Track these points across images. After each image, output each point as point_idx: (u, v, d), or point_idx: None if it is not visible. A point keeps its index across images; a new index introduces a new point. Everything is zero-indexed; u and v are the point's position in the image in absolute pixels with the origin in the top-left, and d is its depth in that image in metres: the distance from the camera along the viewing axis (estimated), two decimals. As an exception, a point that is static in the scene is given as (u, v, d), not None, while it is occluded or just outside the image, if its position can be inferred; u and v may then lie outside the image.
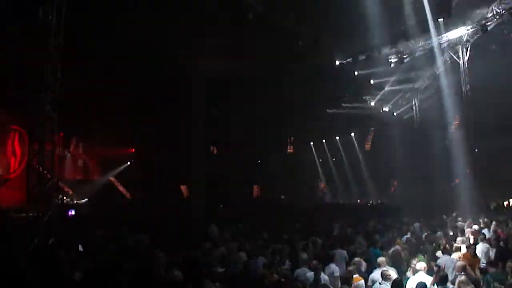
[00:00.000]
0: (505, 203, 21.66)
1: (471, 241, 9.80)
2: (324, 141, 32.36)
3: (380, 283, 6.67)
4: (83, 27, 12.84)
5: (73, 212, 18.23)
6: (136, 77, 17.21)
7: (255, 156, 26.81)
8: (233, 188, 24.07)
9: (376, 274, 7.07)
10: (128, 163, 25.10)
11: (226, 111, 22.51)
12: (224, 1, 14.69)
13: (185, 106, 19.59)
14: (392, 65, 20.61)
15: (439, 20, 16.51)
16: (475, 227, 11.68)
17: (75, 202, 20.75)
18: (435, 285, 6.38)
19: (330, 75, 20.92)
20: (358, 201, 31.63)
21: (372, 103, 25.95)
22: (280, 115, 23.87)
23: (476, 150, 20.74)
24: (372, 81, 22.94)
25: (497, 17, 16.55)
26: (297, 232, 12.48)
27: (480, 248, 9.24)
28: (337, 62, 20.07)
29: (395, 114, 27.16)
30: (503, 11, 16.26)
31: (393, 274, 6.81)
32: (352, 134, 32.02)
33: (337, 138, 32.24)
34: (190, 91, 19.37)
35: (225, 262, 8.25)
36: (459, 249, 8.80)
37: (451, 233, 11.78)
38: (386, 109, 26.89)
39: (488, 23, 16.92)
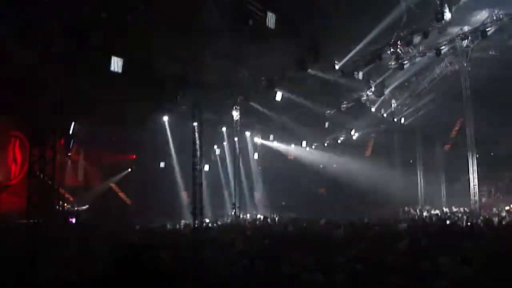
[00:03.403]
0: (507, 208, 21.48)
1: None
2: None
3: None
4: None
5: (74, 220, 18.16)
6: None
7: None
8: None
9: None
10: (129, 169, 25.04)
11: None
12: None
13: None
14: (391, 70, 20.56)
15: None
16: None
17: (76, 208, 20.68)
18: None
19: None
20: None
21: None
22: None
23: (477, 155, 20.65)
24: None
25: (498, 22, 16.56)
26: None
27: None
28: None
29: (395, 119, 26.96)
30: (503, 17, 16.29)
31: None
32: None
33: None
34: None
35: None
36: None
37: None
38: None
39: (488, 29, 16.94)
